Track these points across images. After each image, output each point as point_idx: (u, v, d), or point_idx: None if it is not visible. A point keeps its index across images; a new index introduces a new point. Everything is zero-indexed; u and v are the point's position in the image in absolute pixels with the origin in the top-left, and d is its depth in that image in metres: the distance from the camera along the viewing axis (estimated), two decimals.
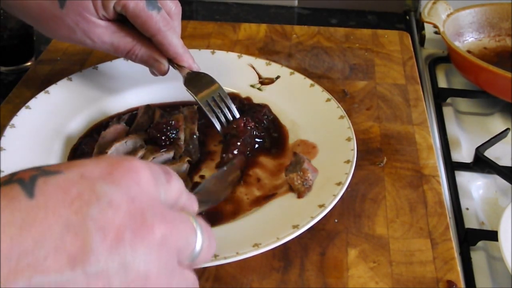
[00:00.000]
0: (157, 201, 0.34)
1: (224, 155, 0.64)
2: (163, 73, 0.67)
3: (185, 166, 0.62)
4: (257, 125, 0.67)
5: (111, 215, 0.31)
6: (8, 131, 0.64)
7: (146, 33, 0.64)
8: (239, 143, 0.64)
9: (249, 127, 0.65)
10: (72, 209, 0.30)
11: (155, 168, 0.36)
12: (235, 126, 0.65)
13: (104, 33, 0.63)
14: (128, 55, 0.65)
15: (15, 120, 0.65)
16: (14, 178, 0.31)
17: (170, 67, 0.67)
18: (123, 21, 0.64)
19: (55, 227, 0.29)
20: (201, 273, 0.53)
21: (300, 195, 0.58)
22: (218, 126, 0.66)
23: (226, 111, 0.67)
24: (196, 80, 0.67)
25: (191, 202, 0.40)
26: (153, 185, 0.34)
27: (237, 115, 0.67)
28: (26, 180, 0.31)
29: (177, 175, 0.38)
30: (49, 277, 0.29)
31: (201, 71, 0.67)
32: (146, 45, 0.65)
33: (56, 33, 0.64)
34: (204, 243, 0.36)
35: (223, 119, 0.66)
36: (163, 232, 0.32)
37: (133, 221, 0.31)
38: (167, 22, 0.63)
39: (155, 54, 0.65)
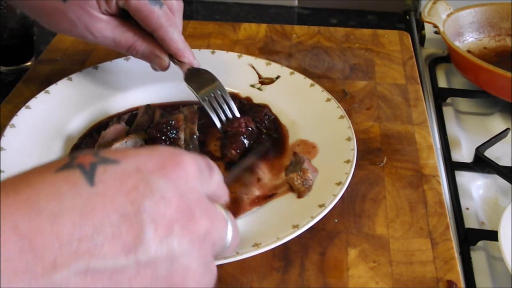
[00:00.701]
0: (202, 196, 0.36)
1: (225, 151, 0.64)
2: (164, 68, 0.67)
3: None
4: (258, 126, 0.67)
5: (163, 209, 0.33)
6: (8, 131, 0.64)
7: (148, 28, 0.64)
8: (244, 141, 0.64)
9: (250, 128, 0.66)
10: (128, 199, 0.32)
11: (201, 163, 0.38)
12: (236, 125, 0.65)
13: (105, 27, 0.63)
14: (129, 51, 0.65)
15: (15, 120, 0.65)
16: (75, 163, 0.32)
17: (171, 63, 0.67)
18: (125, 16, 0.64)
19: (113, 215, 0.31)
20: None
21: (300, 195, 0.58)
22: (218, 123, 0.66)
23: (225, 107, 0.67)
24: (197, 77, 0.67)
25: (225, 194, 0.42)
26: (199, 180, 0.36)
27: (237, 114, 0.67)
28: (86, 167, 0.32)
29: (218, 168, 0.40)
30: (105, 262, 0.30)
31: (201, 67, 0.67)
32: (147, 40, 0.65)
33: (58, 26, 0.64)
34: (233, 237, 0.39)
35: (223, 116, 0.66)
36: (206, 227, 0.35)
37: (182, 216, 0.33)
38: (169, 17, 0.63)
39: (156, 50, 0.65)
